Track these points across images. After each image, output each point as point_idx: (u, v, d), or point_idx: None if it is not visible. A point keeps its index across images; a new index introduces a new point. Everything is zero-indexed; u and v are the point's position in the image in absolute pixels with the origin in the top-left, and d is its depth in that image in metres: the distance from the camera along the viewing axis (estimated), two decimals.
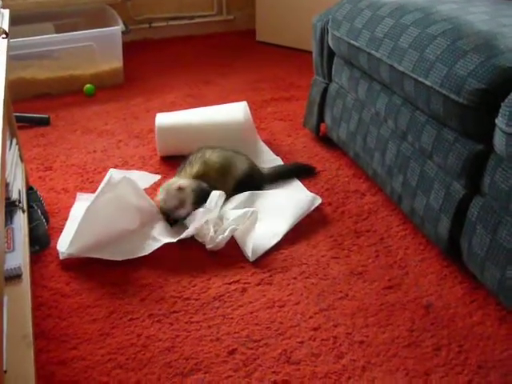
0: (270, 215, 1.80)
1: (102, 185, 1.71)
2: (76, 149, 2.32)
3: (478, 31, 1.45)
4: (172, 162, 2.14)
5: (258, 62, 3.27)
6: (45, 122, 2.54)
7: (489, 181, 1.37)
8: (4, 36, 1.44)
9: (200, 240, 1.69)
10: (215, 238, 1.66)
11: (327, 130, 2.22)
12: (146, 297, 1.53)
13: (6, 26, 1.51)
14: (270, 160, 2.16)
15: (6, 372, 1.10)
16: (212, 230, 1.66)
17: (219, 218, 1.73)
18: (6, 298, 1.28)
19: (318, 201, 1.85)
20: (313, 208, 1.83)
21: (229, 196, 1.84)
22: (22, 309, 1.31)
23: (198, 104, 2.60)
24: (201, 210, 1.72)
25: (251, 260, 1.64)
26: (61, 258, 1.65)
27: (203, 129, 2.18)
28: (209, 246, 1.67)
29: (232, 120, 2.19)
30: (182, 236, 1.68)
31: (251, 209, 1.70)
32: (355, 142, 1.98)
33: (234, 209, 1.78)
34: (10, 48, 1.44)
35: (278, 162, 2.15)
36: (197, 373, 1.30)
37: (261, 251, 1.67)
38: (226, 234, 1.66)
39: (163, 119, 2.21)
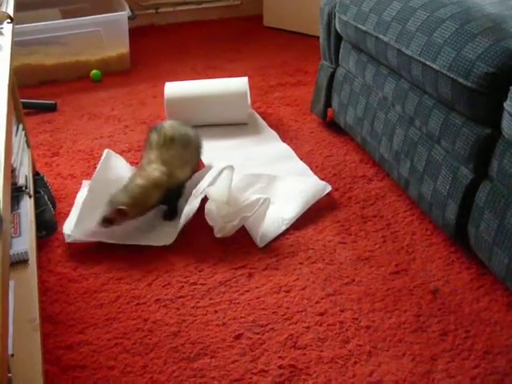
0: (280, 201, 1.79)
1: (99, 166, 1.82)
2: (83, 135, 2.32)
3: (487, 14, 1.43)
4: None
5: (265, 47, 3.25)
6: (51, 108, 2.54)
7: (497, 165, 1.36)
8: (9, 21, 1.43)
9: (210, 223, 1.68)
10: (225, 227, 1.65)
11: (334, 115, 2.21)
12: (153, 282, 1.53)
13: (10, 11, 1.50)
14: (268, 136, 2.25)
15: (12, 355, 1.11)
16: (221, 220, 1.65)
17: (228, 202, 1.70)
18: (12, 283, 1.29)
19: (329, 188, 1.84)
20: (323, 196, 1.82)
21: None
22: (29, 293, 1.31)
23: None
24: (193, 191, 1.69)
25: (260, 246, 1.64)
26: (67, 241, 1.66)
27: (209, 99, 2.28)
28: (218, 235, 1.66)
29: (237, 90, 2.28)
30: (181, 223, 1.66)
31: (264, 196, 1.67)
32: (362, 126, 1.97)
33: (242, 190, 1.77)
34: (14, 33, 1.43)
35: (275, 138, 2.22)
36: (203, 357, 1.30)
37: (270, 237, 1.67)
38: (236, 222, 1.64)
39: (171, 89, 2.29)
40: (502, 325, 1.36)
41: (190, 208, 1.66)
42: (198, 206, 1.67)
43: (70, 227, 1.68)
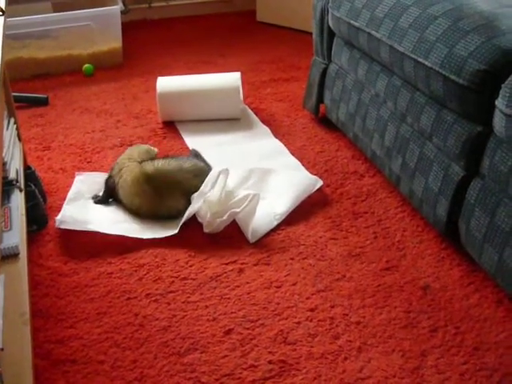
0: (272, 196, 1.80)
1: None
2: (74, 129, 2.31)
3: (480, 11, 1.44)
4: (172, 143, 2.14)
5: (257, 42, 3.24)
6: (43, 102, 2.53)
7: (488, 163, 1.36)
8: (0, 14, 1.42)
9: (200, 220, 1.69)
10: (213, 222, 1.65)
11: (326, 111, 2.21)
12: (143, 276, 1.53)
13: (2, 4, 1.49)
14: (261, 132, 2.25)
15: (2, 350, 1.10)
16: (209, 215, 1.65)
17: (219, 200, 1.69)
18: (3, 277, 1.28)
19: (320, 183, 1.84)
20: (314, 190, 1.82)
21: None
22: (19, 287, 1.31)
23: None
24: (195, 194, 1.68)
25: (251, 242, 1.64)
26: (57, 226, 1.68)
27: (201, 94, 2.28)
28: (206, 230, 1.66)
29: (230, 85, 2.27)
30: (180, 223, 1.67)
31: (253, 192, 1.67)
32: (354, 123, 1.97)
33: (235, 187, 1.77)
34: (6, 26, 1.42)
35: (267, 133, 2.22)
36: (193, 352, 1.30)
37: (261, 233, 1.67)
38: (224, 217, 1.64)
39: (164, 84, 2.29)
40: (492, 321, 1.36)
41: (192, 209, 1.67)
42: (199, 206, 1.68)
43: (62, 214, 1.71)
